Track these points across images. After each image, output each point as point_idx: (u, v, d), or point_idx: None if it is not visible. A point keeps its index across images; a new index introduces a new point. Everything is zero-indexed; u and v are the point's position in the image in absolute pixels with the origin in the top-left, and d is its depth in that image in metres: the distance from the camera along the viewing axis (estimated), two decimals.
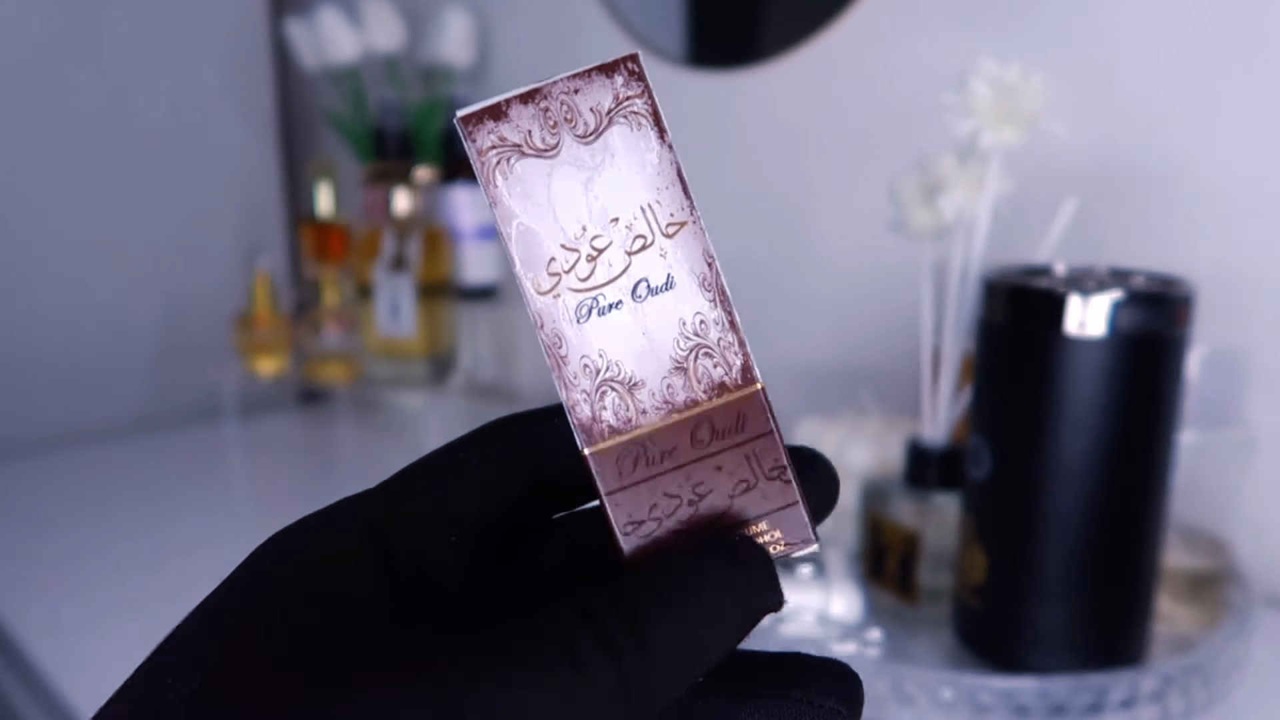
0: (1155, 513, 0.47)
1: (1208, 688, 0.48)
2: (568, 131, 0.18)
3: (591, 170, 0.19)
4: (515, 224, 0.19)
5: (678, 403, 0.19)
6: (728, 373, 0.19)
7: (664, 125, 0.19)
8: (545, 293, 0.19)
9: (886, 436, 0.64)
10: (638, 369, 0.19)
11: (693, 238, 0.19)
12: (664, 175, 0.19)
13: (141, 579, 0.69)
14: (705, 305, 0.19)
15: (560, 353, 0.19)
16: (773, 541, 0.19)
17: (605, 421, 0.19)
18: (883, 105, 0.78)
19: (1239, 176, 0.62)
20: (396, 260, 0.95)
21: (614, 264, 0.19)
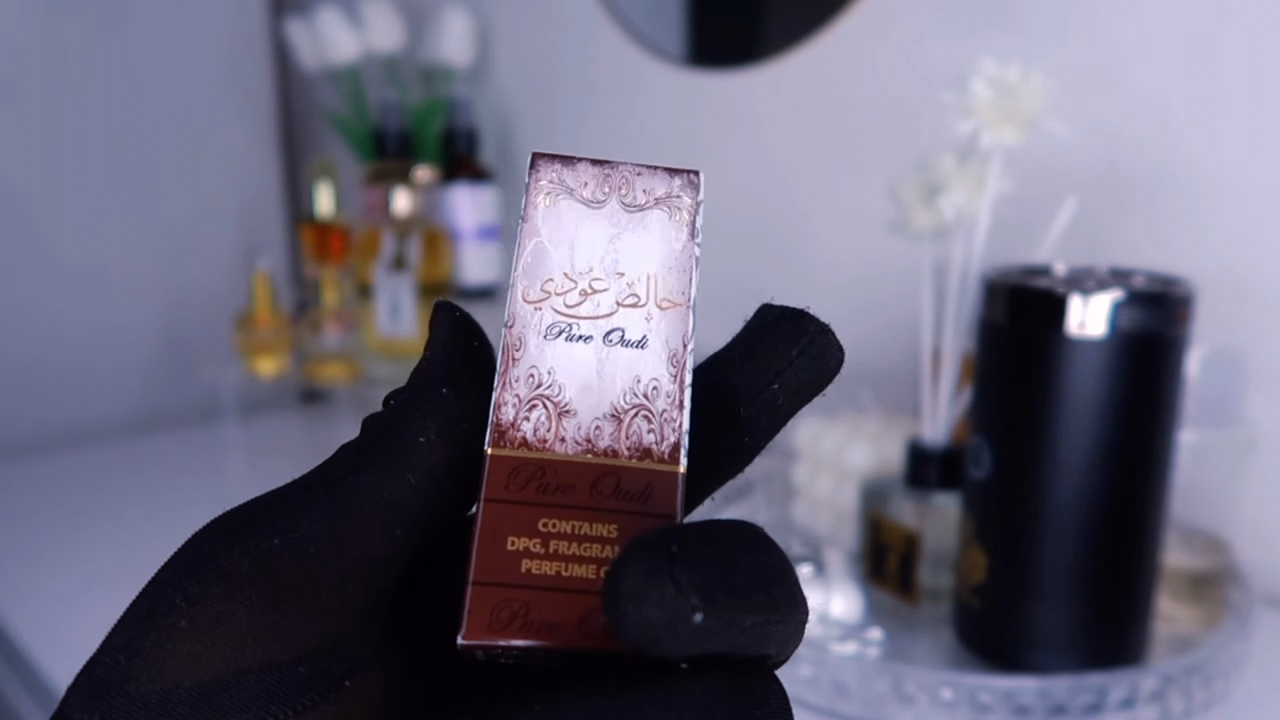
0: (1155, 513, 0.47)
1: (1208, 688, 0.48)
2: (618, 196, 0.20)
3: (621, 229, 0.20)
4: (534, 241, 0.20)
5: (598, 447, 0.19)
6: (658, 443, 0.19)
7: (697, 228, 0.20)
8: (530, 302, 0.20)
9: (886, 436, 0.64)
10: (577, 399, 0.19)
11: (680, 319, 0.20)
12: (679, 263, 0.20)
13: (141, 579, 0.69)
14: (665, 377, 0.19)
15: (515, 354, 0.19)
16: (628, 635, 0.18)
17: (522, 431, 0.19)
18: (883, 105, 0.78)
19: (1239, 177, 0.62)
20: (396, 260, 0.95)
21: (602, 305, 0.20)
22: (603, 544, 0.18)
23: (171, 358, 1.17)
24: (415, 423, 0.18)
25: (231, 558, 0.18)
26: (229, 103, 1.19)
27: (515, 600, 0.18)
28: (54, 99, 1.06)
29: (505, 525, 0.18)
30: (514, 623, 0.17)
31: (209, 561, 0.18)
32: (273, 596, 0.17)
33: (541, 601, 0.18)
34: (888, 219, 0.59)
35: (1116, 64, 0.66)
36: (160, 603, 0.18)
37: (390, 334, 0.96)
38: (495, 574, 0.18)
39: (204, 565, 0.18)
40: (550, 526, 0.18)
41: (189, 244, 1.18)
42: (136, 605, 0.18)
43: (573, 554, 0.18)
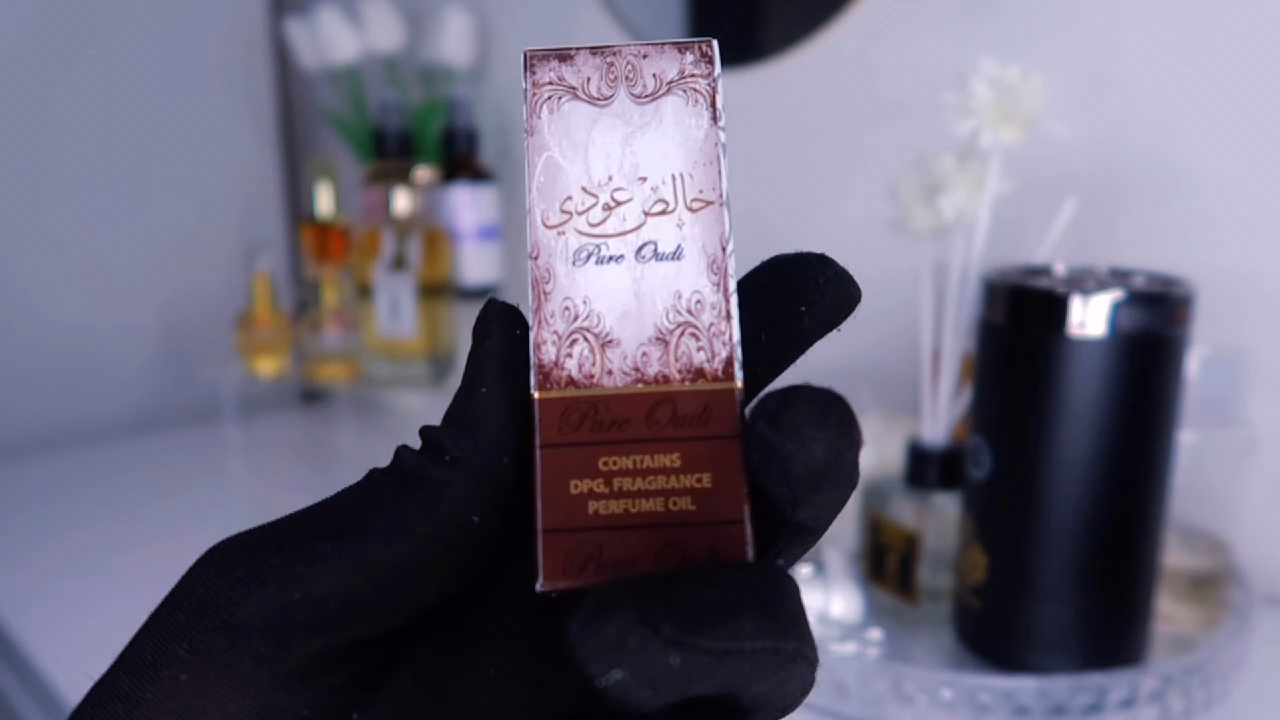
0: (1155, 513, 0.47)
1: (1208, 688, 0.48)
2: (625, 88, 0.18)
3: (636, 127, 0.18)
4: (545, 156, 0.18)
5: (648, 374, 0.18)
6: (709, 360, 0.18)
7: (719, 109, 0.18)
8: (551, 226, 0.18)
9: (886, 436, 0.64)
10: (617, 327, 0.18)
11: (715, 219, 0.18)
12: (705, 153, 0.18)
13: (141, 579, 0.69)
14: (707, 287, 0.18)
15: (546, 287, 0.18)
16: (700, 557, 0.17)
17: (566, 370, 0.18)
18: (883, 105, 0.78)
19: (1239, 177, 0.62)
20: (396, 260, 0.95)
21: (628, 219, 0.18)
22: (668, 474, 0.17)
23: (172, 358, 1.17)
24: (461, 481, 0.17)
25: (244, 610, 0.16)
26: (229, 103, 1.19)
27: (588, 543, 0.17)
28: (54, 99, 1.06)
29: (566, 469, 0.17)
30: (589, 564, 0.17)
31: (217, 611, 0.16)
32: (282, 646, 0.16)
33: (614, 540, 0.17)
34: (888, 219, 0.59)
35: (1117, 64, 0.66)
36: (165, 653, 0.17)
37: (390, 334, 0.96)
38: (563, 520, 0.17)
39: (212, 614, 0.16)
40: (611, 464, 0.17)
41: (189, 244, 1.18)
42: (140, 645, 0.17)
43: (638, 489, 0.17)
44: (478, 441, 0.17)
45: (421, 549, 0.17)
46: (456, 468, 0.17)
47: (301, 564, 0.17)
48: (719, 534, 0.17)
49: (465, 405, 0.17)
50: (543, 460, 0.17)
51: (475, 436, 0.17)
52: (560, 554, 0.17)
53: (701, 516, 0.17)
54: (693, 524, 0.17)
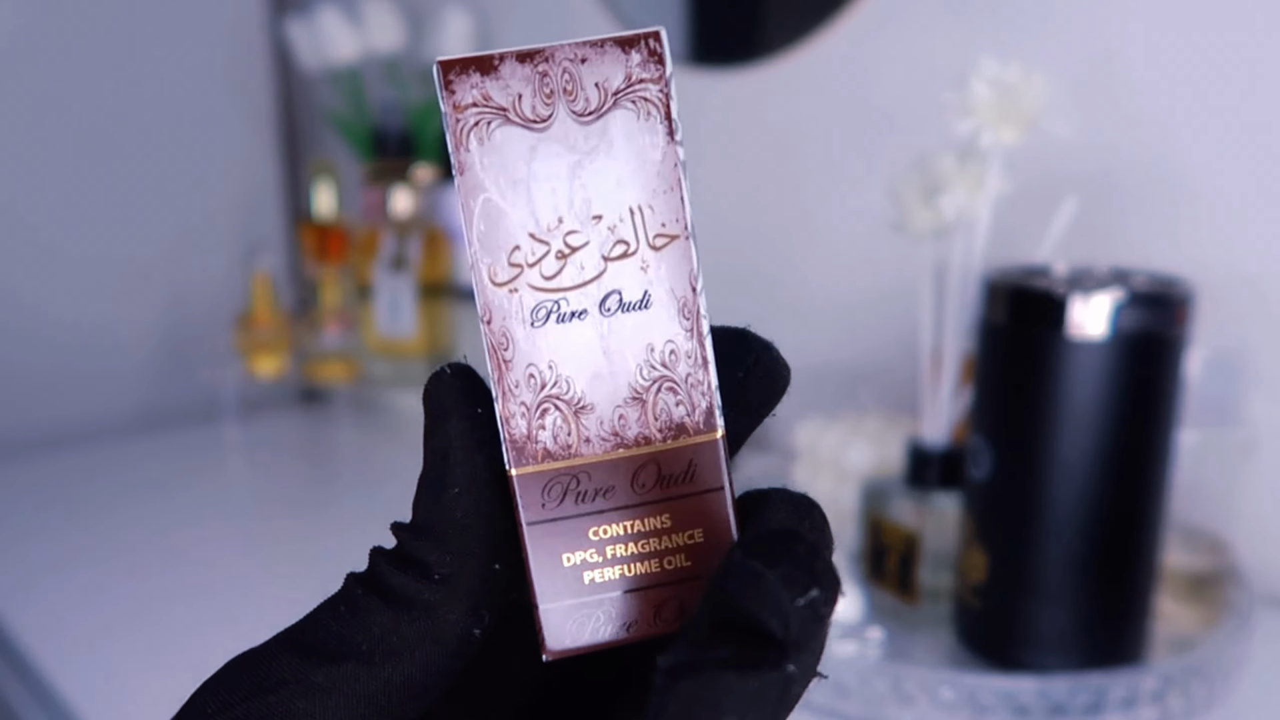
0: (1155, 513, 0.47)
1: (1208, 688, 0.48)
2: (564, 105, 0.16)
3: (582, 154, 0.16)
4: (481, 199, 0.16)
5: (627, 438, 0.17)
6: (689, 414, 0.17)
7: (675, 121, 0.16)
8: (501, 284, 0.16)
9: (886, 436, 0.64)
10: (589, 391, 0.16)
11: (681, 256, 0.16)
12: (664, 178, 0.16)
13: (141, 579, 0.69)
14: (680, 334, 0.16)
15: (505, 355, 0.16)
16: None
17: (541, 442, 0.16)
18: (883, 105, 0.78)
19: (1239, 177, 0.62)
20: (396, 260, 0.95)
21: (586, 267, 0.16)
22: (660, 536, 0.17)
23: (171, 358, 1.17)
24: (456, 601, 0.16)
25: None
26: (229, 103, 1.19)
27: (587, 609, 0.17)
28: (54, 99, 1.06)
29: (555, 544, 0.17)
30: (590, 628, 0.17)
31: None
32: None
33: (613, 605, 0.17)
34: (888, 219, 0.59)
35: (1117, 64, 0.66)
36: None
37: (390, 334, 0.96)
38: (559, 593, 0.17)
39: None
40: (602, 533, 0.17)
41: (189, 244, 1.18)
42: None
43: (632, 554, 0.17)
44: (464, 557, 0.16)
45: (423, 667, 0.16)
46: (448, 587, 0.16)
47: (301, 698, 0.16)
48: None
49: (440, 511, 0.16)
50: (530, 538, 0.17)
51: (461, 552, 0.16)
52: (561, 625, 0.17)
53: (697, 570, 0.17)
54: (689, 579, 0.17)
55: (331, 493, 0.90)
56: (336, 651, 0.16)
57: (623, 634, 0.17)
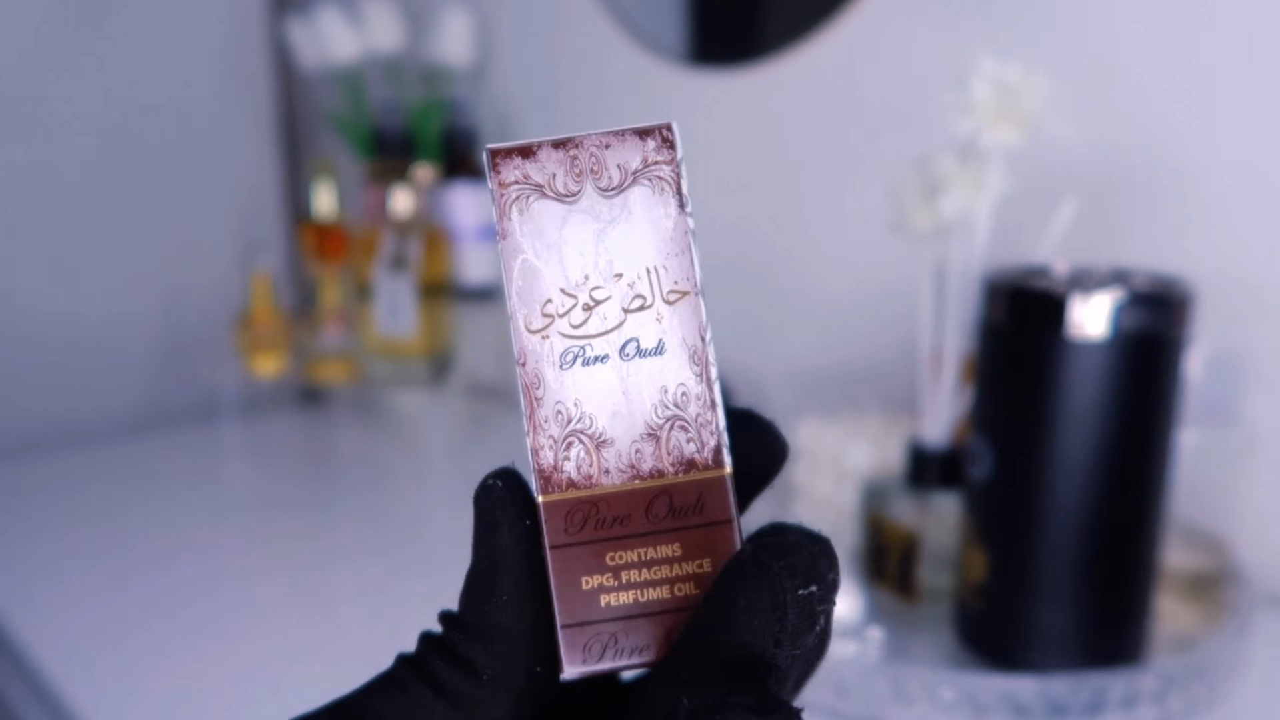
0: (1155, 513, 0.47)
1: (1208, 688, 0.48)
2: (591, 182, 0.19)
3: (606, 223, 0.19)
4: (520, 259, 0.19)
5: (643, 470, 0.19)
6: (699, 450, 0.19)
7: (685, 195, 0.19)
8: (535, 331, 0.19)
9: (886, 436, 0.64)
10: (610, 427, 0.19)
11: (691, 310, 0.19)
12: (676, 242, 0.19)
13: (141, 578, 0.69)
14: (690, 378, 0.19)
15: (536, 393, 0.19)
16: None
17: (565, 473, 0.18)
18: (883, 105, 0.78)
19: (1239, 177, 0.62)
20: (396, 260, 0.95)
21: (609, 318, 0.19)
22: (670, 564, 0.18)
23: (171, 358, 1.17)
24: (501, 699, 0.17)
25: None
26: (229, 103, 1.19)
27: (603, 633, 0.18)
28: (54, 99, 1.06)
29: (575, 567, 0.18)
30: (606, 652, 0.18)
31: None
32: None
33: (627, 629, 0.18)
34: (888, 219, 0.59)
35: (1117, 64, 0.66)
36: None
37: (390, 334, 0.96)
38: (578, 614, 0.18)
39: None
40: (617, 559, 0.18)
41: (189, 243, 1.18)
42: None
43: (645, 580, 0.18)
44: (509, 659, 0.18)
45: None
46: (494, 687, 0.17)
47: None
48: None
49: (488, 615, 0.18)
50: (553, 560, 0.18)
51: (506, 655, 0.18)
52: (580, 645, 0.18)
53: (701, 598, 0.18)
54: (697, 606, 0.18)
55: (331, 493, 0.90)
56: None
57: (635, 658, 0.18)
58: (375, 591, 0.67)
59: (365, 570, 0.71)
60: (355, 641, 0.60)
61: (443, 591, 0.21)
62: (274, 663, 0.58)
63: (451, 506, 0.85)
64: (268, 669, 0.57)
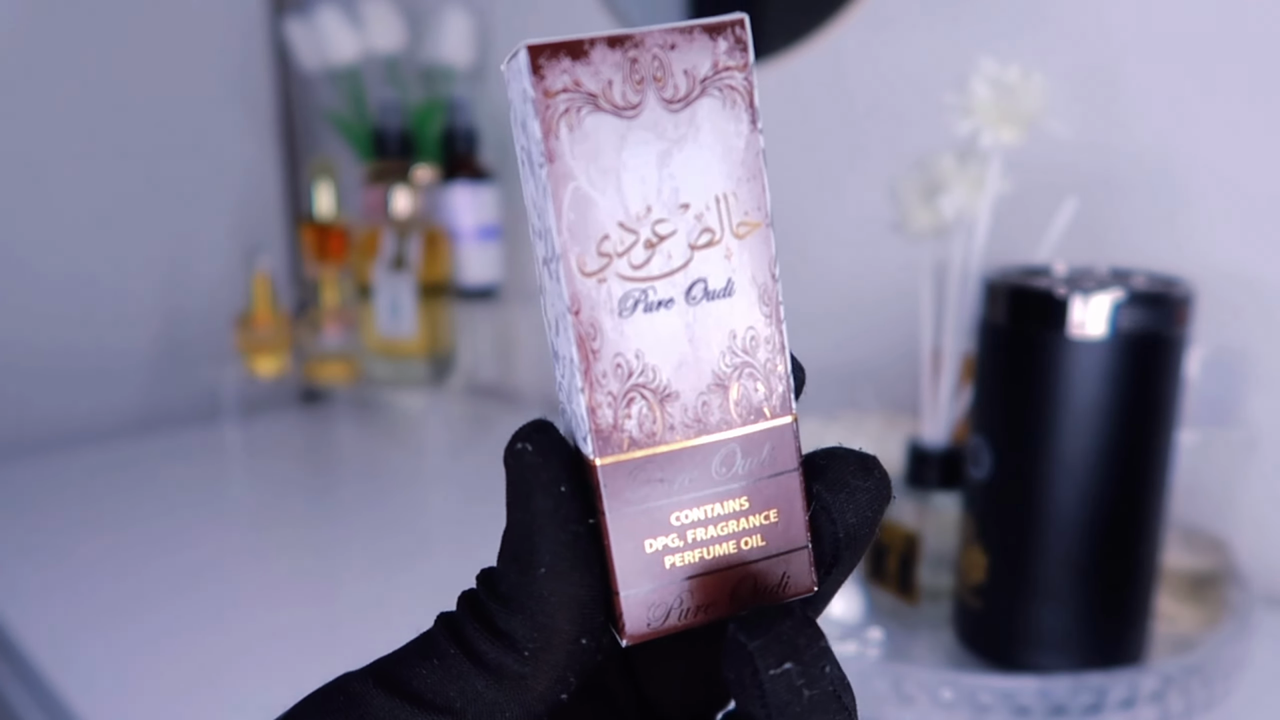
0: (1155, 513, 0.47)
1: (1208, 688, 0.48)
2: (654, 91, 0.16)
3: (671, 143, 0.16)
4: (571, 187, 0.16)
5: (709, 424, 0.17)
6: (767, 398, 0.17)
7: (757, 108, 0.16)
8: (590, 274, 0.16)
9: (886, 436, 0.64)
10: (675, 379, 0.17)
11: (762, 243, 0.17)
12: (748, 166, 0.16)
13: (141, 579, 0.69)
14: (760, 321, 0.17)
15: (594, 345, 0.16)
16: (773, 586, 0.18)
17: (626, 431, 0.17)
18: (883, 105, 0.79)
19: (1239, 176, 0.62)
20: (396, 260, 0.95)
21: (674, 256, 0.16)
22: (738, 519, 0.17)
23: (172, 358, 1.17)
24: (544, 674, 0.17)
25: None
26: (229, 103, 1.19)
27: (668, 595, 0.17)
28: (55, 99, 1.06)
29: (638, 529, 0.17)
30: (671, 614, 0.17)
31: None
32: None
33: (693, 589, 0.17)
34: (888, 219, 0.59)
35: (1117, 64, 0.66)
36: None
37: (390, 334, 0.96)
38: (641, 579, 0.17)
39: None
40: (683, 518, 0.17)
41: (189, 244, 1.18)
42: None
43: (711, 537, 0.17)
44: (551, 632, 0.17)
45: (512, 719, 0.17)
46: (537, 662, 0.17)
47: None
48: (787, 562, 0.18)
49: (527, 587, 0.16)
50: (613, 524, 0.17)
51: (548, 630, 0.17)
52: (643, 610, 0.17)
53: (771, 549, 0.17)
54: (765, 558, 0.17)
55: (331, 493, 0.90)
56: (430, 702, 0.17)
57: (700, 616, 0.17)
58: (375, 591, 0.67)
59: (365, 570, 0.71)
60: (355, 640, 0.60)
61: (443, 591, 0.21)
62: (274, 662, 0.58)
63: (451, 506, 0.85)
64: (268, 669, 0.57)
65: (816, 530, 0.18)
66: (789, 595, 0.18)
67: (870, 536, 0.18)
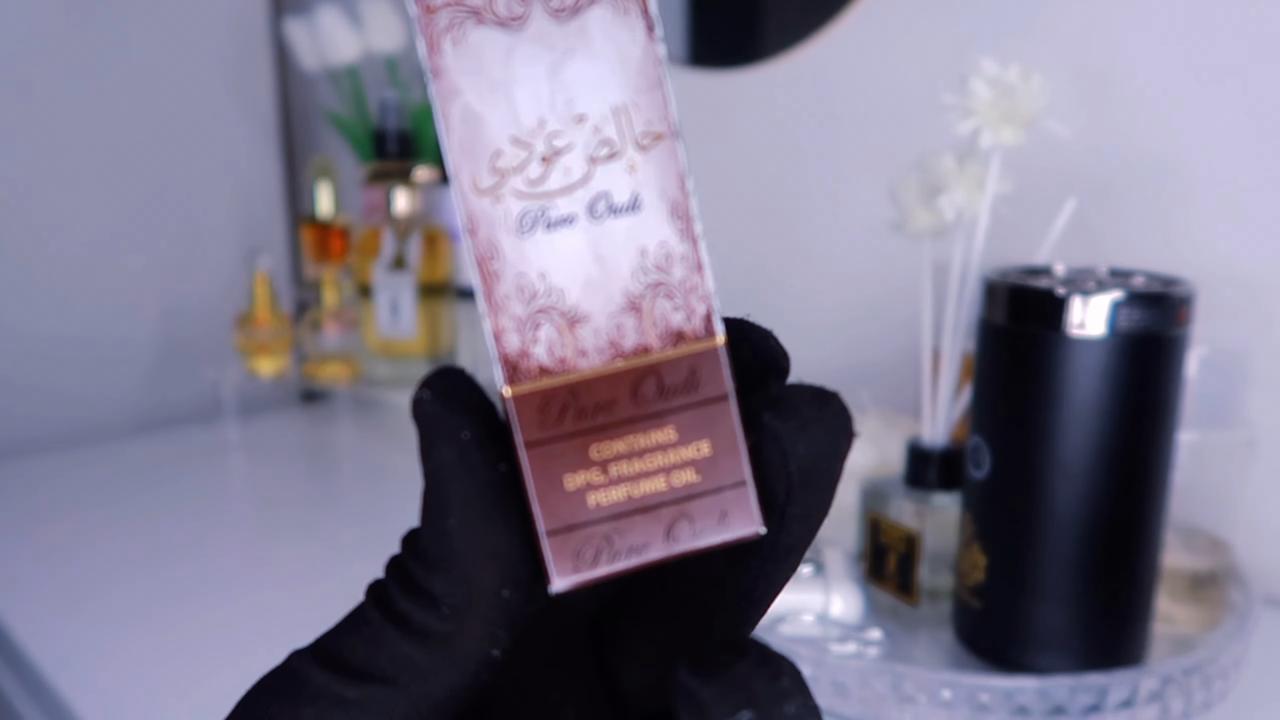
0: (1155, 513, 0.47)
1: (1208, 688, 0.48)
2: (540, 2, 0.15)
3: (561, 54, 0.16)
4: (459, 104, 0.15)
5: (625, 348, 0.16)
6: (688, 320, 0.16)
7: (653, 16, 0.16)
8: (484, 192, 0.16)
9: (886, 436, 0.64)
10: (584, 300, 0.16)
11: (669, 155, 0.16)
12: (646, 75, 0.16)
13: (141, 579, 0.69)
14: (673, 236, 0.16)
15: (493, 266, 0.16)
16: (712, 527, 0.16)
17: (536, 359, 0.16)
18: (883, 105, 0.78)
19: (1239, 176, 0.62)
20: (396, 260, 0.95)
21: (572, 171, 0.16)
22: (665, 450, 0.16)
23: (172, 358, 1.17)
24: (468, 630, 0.16)
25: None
26: (229, 103, 1.19)
27: (595, 535, 0.16)
28: (55, 99, 1.06)
29: (555, 465, 0.16)
30: (601, 556, 0.16)
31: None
32: None
33: (622, 528, 0.16)
34: (888, 219, 0.59)
35: (1116, 64, 0.66)
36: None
37: (390, 334, 0.96)
38: (564, 519, 0.16)
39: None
40: (604, 451, 0.16)
41: (189, 244, 1.18)
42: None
43: (637, 471, 0.16)
44: (470, 586, 0.16)
45: (446, 687, 0.16)
46: (459, 618, 0.16)
47: (339, 710, 0.16)
48: (725, 500, 0.16)
49: (441, 541, 0.16)
50: (530, 460, 0.16)
51: (465, 582, 0.16)
52: (569, 553, 0.16)
53: (706, 485, 0.16)
54: (698, 495, 0.16)
55: (331, 493, 0.90)
56: (364, 672, 0.16)
57: (633, 559, 0.16)
58: None
59: (365, 570, 0.70)
60: None
61: None
62: (274, 661, 0.58)
63: None
64: (267, 668, 0.57)
65: (767, 465, 0.16)
66: (731, 537, 0.16)
67: (830, 477, 0.16)
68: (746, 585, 0.17)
